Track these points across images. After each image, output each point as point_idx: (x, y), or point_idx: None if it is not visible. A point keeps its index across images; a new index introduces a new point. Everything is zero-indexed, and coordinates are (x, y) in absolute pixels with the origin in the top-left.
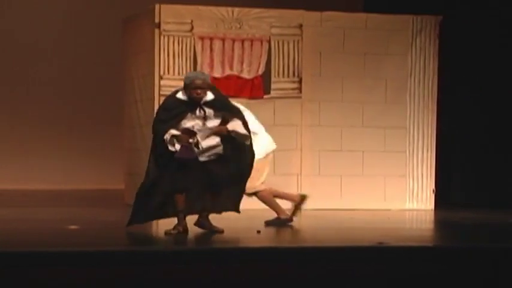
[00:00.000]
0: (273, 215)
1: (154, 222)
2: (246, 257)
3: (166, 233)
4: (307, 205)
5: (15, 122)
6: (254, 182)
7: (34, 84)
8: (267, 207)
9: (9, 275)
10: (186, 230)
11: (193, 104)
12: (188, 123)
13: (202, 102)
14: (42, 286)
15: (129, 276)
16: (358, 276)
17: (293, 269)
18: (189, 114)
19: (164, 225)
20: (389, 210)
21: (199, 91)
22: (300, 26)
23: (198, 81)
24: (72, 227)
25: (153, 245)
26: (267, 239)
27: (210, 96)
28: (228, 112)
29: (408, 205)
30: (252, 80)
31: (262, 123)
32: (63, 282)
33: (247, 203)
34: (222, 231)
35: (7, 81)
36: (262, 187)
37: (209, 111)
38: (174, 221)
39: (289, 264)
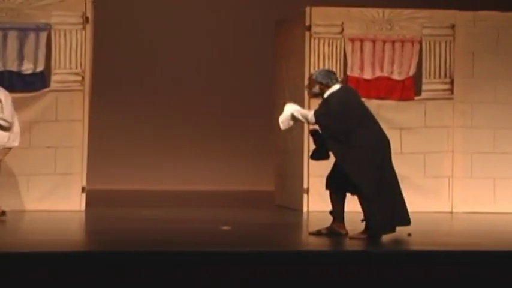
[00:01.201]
0: None
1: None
2: (396, 260)
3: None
4: (459, 208)
5: (168, 124)
6: None
7: (187, 87)
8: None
9: (166, 274)
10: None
11: None
12: None
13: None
14: (197, 285)
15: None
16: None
17: (443, 271)
18: None
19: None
20: None
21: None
22: (452, 26)
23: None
24: (225, 227)
25: (303, 247)
26: (417, 242)
27: (327, 93)
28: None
29: None
30: (402, 81)
31: (413, 125)
32: (218, 282)
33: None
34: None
35: (161, 85)
36: None
37: None
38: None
39: (440, 267)
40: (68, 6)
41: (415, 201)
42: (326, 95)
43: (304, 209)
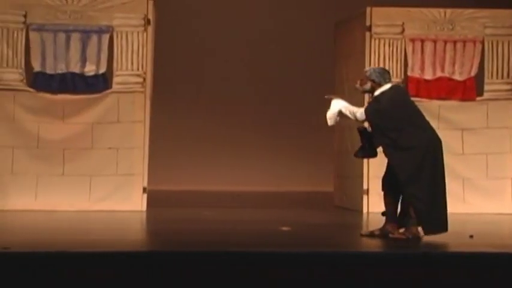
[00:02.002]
0: None
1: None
2: (459, 262)
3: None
4: None
5: (229, 125)
6: None
7: (246, 88)
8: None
9: (227, 275)
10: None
11: None
12: None
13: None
14: (258, 286)
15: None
16: None
17: (505, 274)
18: None
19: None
20: None
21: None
22: None
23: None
24: (284, 228)
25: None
26: (480, 244)
27: (377, 92)
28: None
29: None
30: (464, 81)
31: (475, 126)
32: (277, 282)
33: (461, 207)
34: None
35: (220, 85)
36: None
37: None
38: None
39: (505, 270)
40: (130, 9)
41: (477, 203)
42: (377, 93)
43: (364, 210)
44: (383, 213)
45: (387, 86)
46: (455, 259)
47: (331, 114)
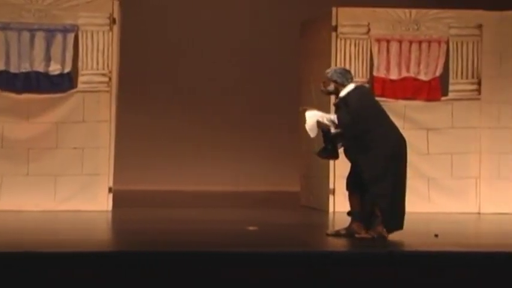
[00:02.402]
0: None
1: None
2: (424, 261)
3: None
4: (486, 209)
5: (194, 125)
6: None
7: (212, 88)
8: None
9: (193, 275)
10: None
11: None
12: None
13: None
14: (226, 286)
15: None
16: None
17: (473, 274)
18: None
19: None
20: None
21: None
22: (480, 26)
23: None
24: (251, 228)
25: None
26: (445, 243)
27: (343, 93)
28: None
29: None
30: (429, 81)
31: (440, 126)
32: (246, 282)
33: (426, 207)
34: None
35: (187, 85)
36: None
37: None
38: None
39: (470, 270)
40: (95, 7)
41: (441, 202)
42: (342, 94)
43: (331, 209)
44: (348, 213)
45: (351, 86)
46: (421, 258)
47: (310, 126)
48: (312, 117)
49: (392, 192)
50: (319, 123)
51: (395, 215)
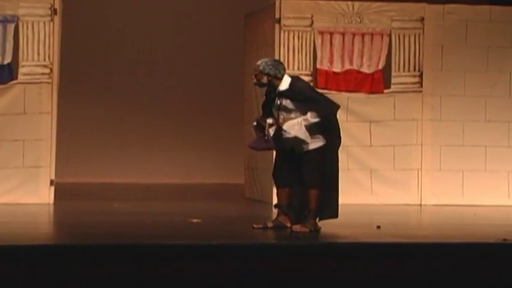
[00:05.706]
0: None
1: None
2: (366, 252)
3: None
4: (428, 200)
5: (138, 117)
6: None
7: (156, 80)
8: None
9: (135, 267)
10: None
11: (275, 93)
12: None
13: (277, 91)
14: (168, 278)
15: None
16: (482, 273)
17: (415, 264)
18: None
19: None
20: None
21: (253, 76)
22: (422, 19)
23: (255, 66)
24: (195, 220)
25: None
26: (387, 234)
27: (284, 85)
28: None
29: None
30: (372, 74)
31: (382, 118)
32: (187, 274)
33: (368, 199)
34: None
35: (130, 77)
36: None
37: (286, 102)
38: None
39: (411, 260)
40: None
41: (384, 194)
42: (284, 87)
43: (274, 202)
44: (275, 206)
45: (288, 78)
46: (363, 249)
47: (303, 136)
48: (296, 127)
49: (329, 183)
50: (257, 120)
51: (331, 205)
